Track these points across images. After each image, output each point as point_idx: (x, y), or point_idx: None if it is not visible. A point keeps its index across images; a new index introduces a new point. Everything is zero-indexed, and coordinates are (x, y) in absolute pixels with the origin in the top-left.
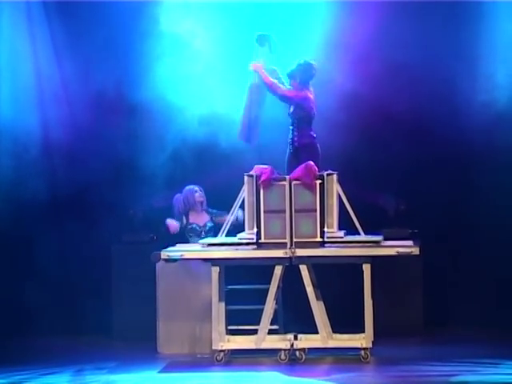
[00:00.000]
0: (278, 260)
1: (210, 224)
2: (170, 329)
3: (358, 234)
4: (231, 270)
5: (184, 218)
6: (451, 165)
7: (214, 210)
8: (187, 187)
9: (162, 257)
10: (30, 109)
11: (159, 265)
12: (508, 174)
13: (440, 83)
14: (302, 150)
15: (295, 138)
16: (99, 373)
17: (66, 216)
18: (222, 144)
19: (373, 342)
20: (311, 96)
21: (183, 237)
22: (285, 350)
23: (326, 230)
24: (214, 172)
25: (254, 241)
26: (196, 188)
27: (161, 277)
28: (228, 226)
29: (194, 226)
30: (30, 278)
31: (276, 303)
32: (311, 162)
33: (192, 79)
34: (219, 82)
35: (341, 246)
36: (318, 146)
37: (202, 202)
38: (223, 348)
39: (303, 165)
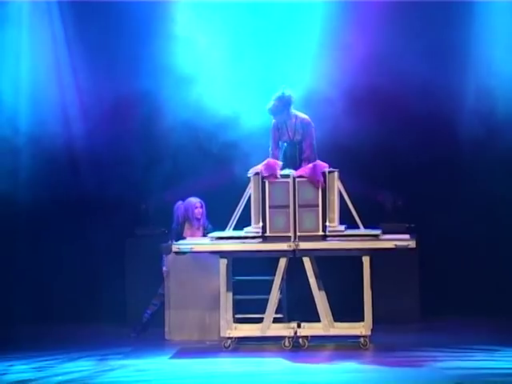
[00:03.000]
0: (283, 253)
1: None
2: (180, 317)
3: (358, 228)
4: (238, 262)
5: (180, 227)
6: (447, 162)
7: (210, 226)
8: (189, 199)
9: (173, 249)
10: (51, 112)
11: (170, 257)
12: (502, 170)
13: (438, 84)
14: None
15: None
16: (118, 358)
17: (83, 211)
18: (231, 143)
19: (372, 330)
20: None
21: None
22: (289, 337)
23: (327, 224)
24: (223, 170)
25: (260, 234)
26: (198, 204)
27: (171, 268)
28: (235, 221)
29: None
30: (49, 269)
31: (280, 293)
32: (318, 162)
33: (205, 82)
34: (231, 84)
35: (342, 239)
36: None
37: (199, 219)
38: (231, 335)
39: (310, 165)
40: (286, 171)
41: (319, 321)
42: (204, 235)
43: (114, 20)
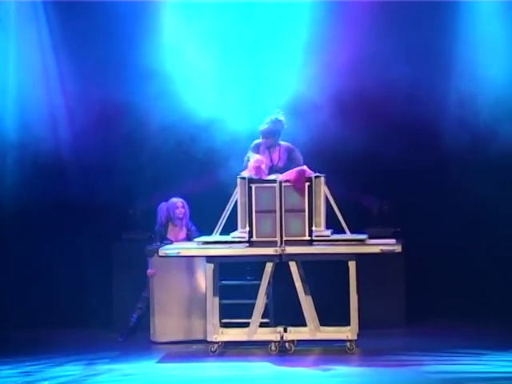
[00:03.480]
0: (269, 257)
1: None
2: (165, 321)
3: (344, 232)
4: (225, 267)
5: (163, 228)
6: (433, 167)
7: (194, 227)
8: (172, 199)
9: (160, 254)
10: (38, 116)
11: (154, 259)
12: (488, 175)
13: (425, 90)
14: None
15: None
16: (105, 362)
17: (70, 216)
18: (221, 149)
19: (358, 334)
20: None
21: None
22: (275, 341)
23: (314, 229)
24: (209, 175)
25: (247, 239)
26: (179, 204)
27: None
28: (222, 226)
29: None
30: (36, 274)
31: (267, 298)
32: (305, 167)
33: (190, 86)
34: (217, 88)
35: (328, 244)
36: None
37: (181, 219)
38: (217, 340)
39: (296, 169)
40: (273, 176)
41: (305, 325)
42: (187, 235)
43: (100, 23)
